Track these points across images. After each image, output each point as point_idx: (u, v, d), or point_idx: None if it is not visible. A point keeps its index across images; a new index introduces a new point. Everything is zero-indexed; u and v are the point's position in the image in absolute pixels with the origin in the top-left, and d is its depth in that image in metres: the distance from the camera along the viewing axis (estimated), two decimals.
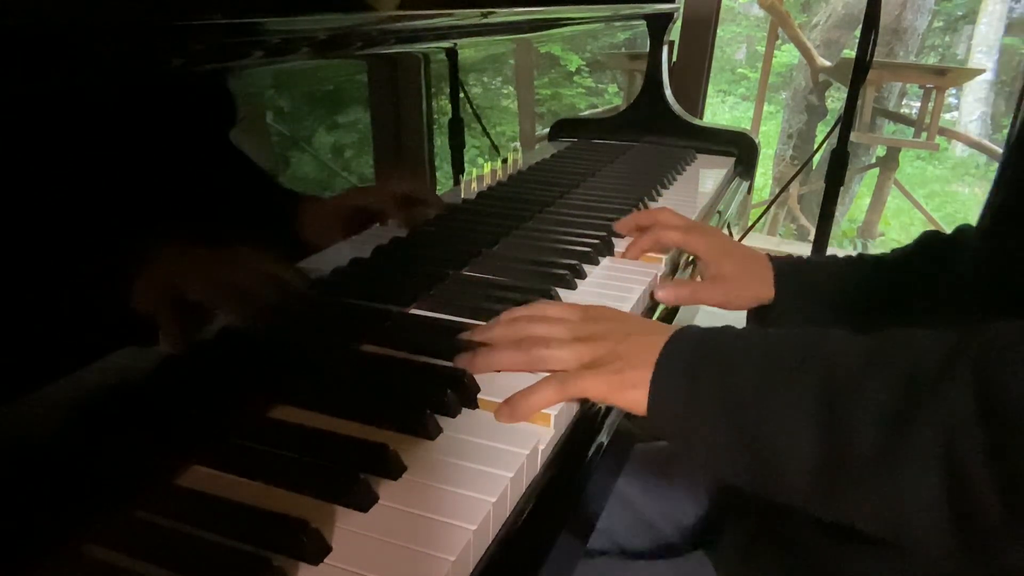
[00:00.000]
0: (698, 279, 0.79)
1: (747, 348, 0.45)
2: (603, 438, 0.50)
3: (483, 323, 0.56)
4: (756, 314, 0.75)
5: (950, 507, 0.36)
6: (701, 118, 1.74)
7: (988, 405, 0.35)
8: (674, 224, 0.76)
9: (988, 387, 0.36)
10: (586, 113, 1.22)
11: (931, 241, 0.71)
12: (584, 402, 0.50)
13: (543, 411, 0.47)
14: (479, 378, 0.50)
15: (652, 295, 0.71)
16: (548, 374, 0.49)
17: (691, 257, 0.80)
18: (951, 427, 0.36)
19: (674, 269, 0.81)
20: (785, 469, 0.41)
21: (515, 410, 0.46)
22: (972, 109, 6.69)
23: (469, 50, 0.75)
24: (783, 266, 0.74)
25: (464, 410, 0.48)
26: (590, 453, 0.48)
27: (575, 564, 0.46)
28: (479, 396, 0.48)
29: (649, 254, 0.78)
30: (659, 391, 0.45)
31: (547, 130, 1.06)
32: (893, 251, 0.74)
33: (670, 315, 0.71)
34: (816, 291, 0.74)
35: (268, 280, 0.49)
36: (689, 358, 0.46)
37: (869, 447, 0.38)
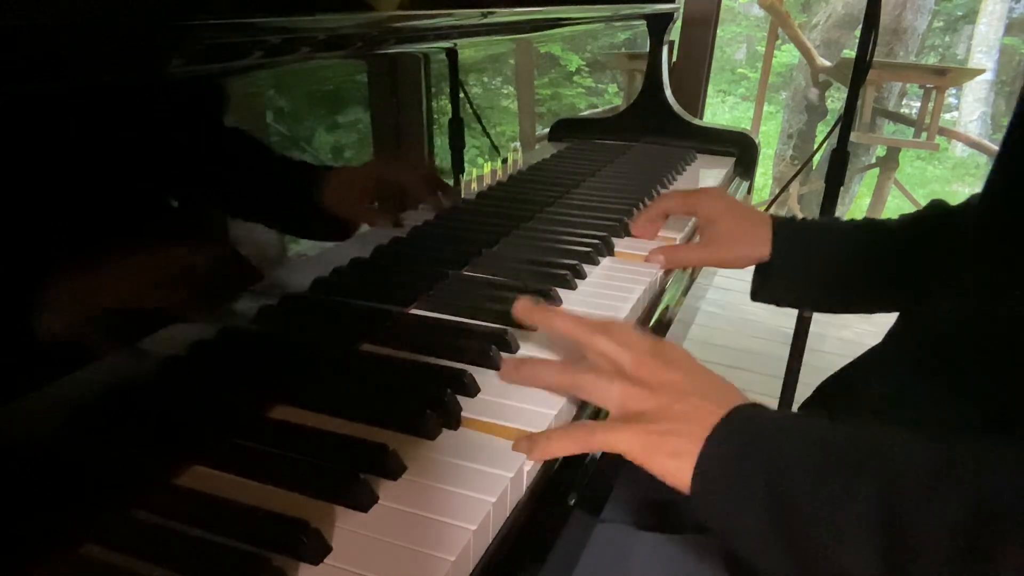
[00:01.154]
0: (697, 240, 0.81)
1: (802, 442, 0.41)
2: None
3: (483, 323, 0.56)
4: (758, 272, 0.77)
5: None
6: (701, 118, 1.74)
7: None
8: (676, 198, 0.79)
9: None
10: (586, 113, 1.22)
11: (939, 209, 0.70)
12: (585, 405, 0.50)
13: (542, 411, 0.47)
14: (482, 380, 0.50)
15: (648, 258, 0.74)
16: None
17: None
18: None
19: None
20: (838, 572, 0.38)
21: (533, 450, 0.43)
22: (972, 109, 6.69)
23: (469, 50, 0.75)
24: (782, 226, 0.74)
25: (464, 410, 0.48)
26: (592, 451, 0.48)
27: (576, 562, 0.46)
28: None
29: (665, 234, 0.81)
30: (706, 473, 0.42)
31: (547, 130, 1.06)
32: (900, 216, 0.73)
33: (666, 318, 0.71)
34: (814, 252, 0.73)
35: (268, 279, 0.48)
36: (741, 443, 0.42)
37: (941, 564, 0.35)
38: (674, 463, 0.42)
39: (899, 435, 0.40)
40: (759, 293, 0.78)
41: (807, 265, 0.74)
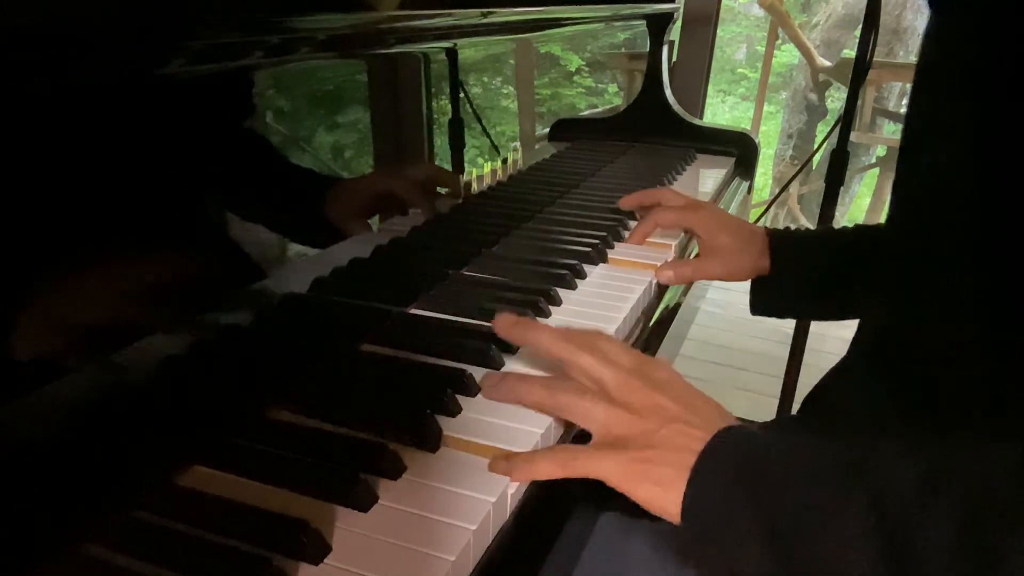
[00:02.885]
0: (694, 256, 0.82)
1: (791, 464, 0.40)
2: None
3: (483, 323, 0.56)
4: (756, 285, 0.77)
5: None
6: (701, 118, 1.74)
7: None
8: (672, 203, 0.80)
9: None
10: (586, 113, 1.22)
11: None
12: None
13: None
14: (480, 380, 0.50)
15: (657, 280, 0.73)
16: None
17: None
18: None
19: (682, 256, 0.83)
20: None
21: (512, 472, 0.42)
22: None
23: (469, 50, 0.75)
24: (779, 238, 0.75)
25: (464, 410, 0.48)
26: None
27: (577, 561, 0.46)
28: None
29: (657, 240, 0.81)
30: (694, 504, 0.41)
31: (547, 130, 1.06)
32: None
33: (671, 313, 0.71)
34: (813, 260, 0.74)
35: (268, 279, 0.48)
36: (729, 470, 0.41)
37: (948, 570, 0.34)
38: (659, 492, 0.41)
39: (888, 447, 0.39)
40: (760, 307, 0.79)
41: (807, 275, 0.75)
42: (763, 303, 0.78)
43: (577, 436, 0.48)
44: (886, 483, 0.37)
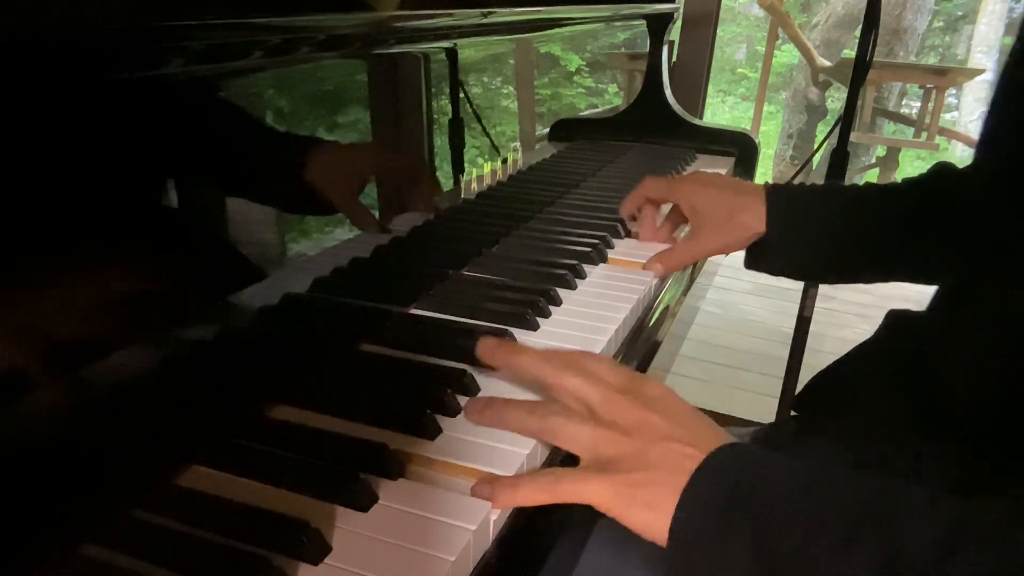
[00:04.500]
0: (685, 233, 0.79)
1: (792, 494, 0.37)
2: None
3: (483, 323, 0.56)
4: (752, 250, 0.72)
5: None
6: (701, 118, 1.74)
7: None
8: (658, 185, 0.78)
9: None
10: (586, 113, 1.22)
11: (946, 171, 0.67)
12: None
13: None
14: (481, 380, 0.50)
15: (646, 267, 0.73)
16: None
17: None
18: None
19: None
20: None
21: (496, 497, 0.39)
22: (972, 109, 6.69)
23: (469, 50, 0.75)
24: (776, 195, 0.70)
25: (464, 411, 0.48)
26: None
27: (577, 560, 0.46)
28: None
29: (661, 243, 0.80)
30: (684, 528, 0.38)
31: (547, 130, 1.06)
32: (904, 179, 0.69)
33: (669, 315, 0.71)
34: (813, 222, 0.69)
35: (268, 279, 0.48)
36: (724, 496, 0.38)
37: None
38: (651, 515, 0.39)
39: (905, 491, 0.36)
40: (754, 263, 0.74)
41: (806, 236, 0.69)
42: (759, 260, 0.73)
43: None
44: (902, 528, 0.34)
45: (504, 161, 0.87)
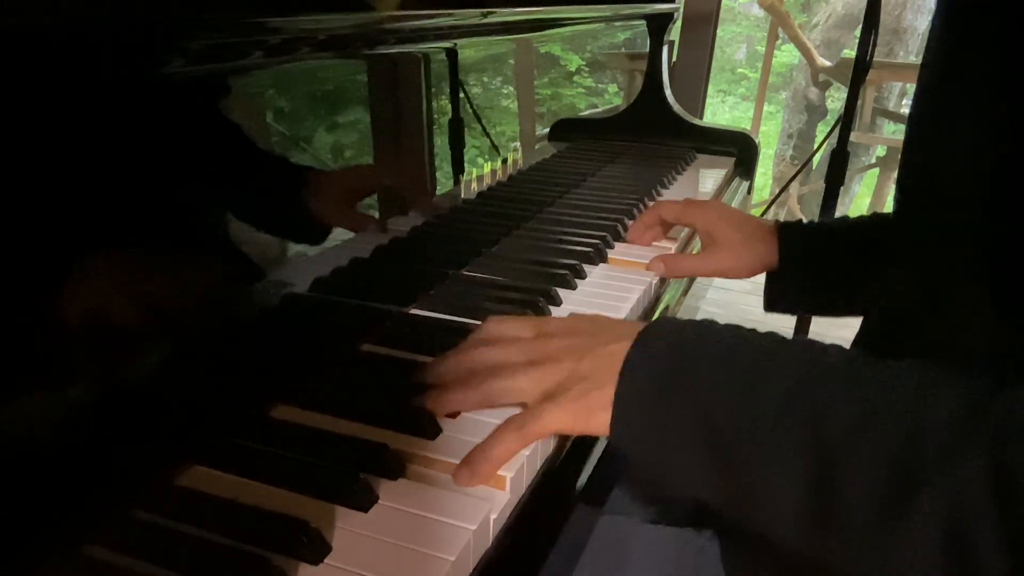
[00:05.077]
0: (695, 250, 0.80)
1: (727, 365, 0.39)
2: None
3: (481, 323, 0.56)
4: (769, 282, 0.74)
5: None
6: (701, 118, 1.74)
7: (1006, 492, 0.30)
8: (674, 207, 0.78)
9: (1007, 471, 0.31)
10: (586, 113, 1.22)
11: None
12: None
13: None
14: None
15: (648, 267, 0.73)
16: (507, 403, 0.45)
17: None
18: (960, 511, 0.31)
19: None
20: (769, 515, 0.37)
21: (475, 471, 0.40)
22: None
23: (469, 50, 0.75)
24: (789, 231, 0.71)
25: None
26: (595, 446, 0.48)
27: (578, 556, 0.46)
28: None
29: (659, 242, 0.81)
30: (624, 410, 0.40)
31: (547, 130, 1.06)
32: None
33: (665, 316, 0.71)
34: (826, 255, 0.71)
35: (268, 279, 0.48)
36: (660, 370, 0.40)
37: (862, 516, 0.34)
38: (604, 416, 0.41)
39: (829, 361, 0.38)
40: (774, 304, 0.76)
41: (820, 269, 0.71)
42: (777, 300, 0.75)
43: (576, 441, 0.48)
44: (826, 405, 0.36)
45: (504, 161, 0.87)
